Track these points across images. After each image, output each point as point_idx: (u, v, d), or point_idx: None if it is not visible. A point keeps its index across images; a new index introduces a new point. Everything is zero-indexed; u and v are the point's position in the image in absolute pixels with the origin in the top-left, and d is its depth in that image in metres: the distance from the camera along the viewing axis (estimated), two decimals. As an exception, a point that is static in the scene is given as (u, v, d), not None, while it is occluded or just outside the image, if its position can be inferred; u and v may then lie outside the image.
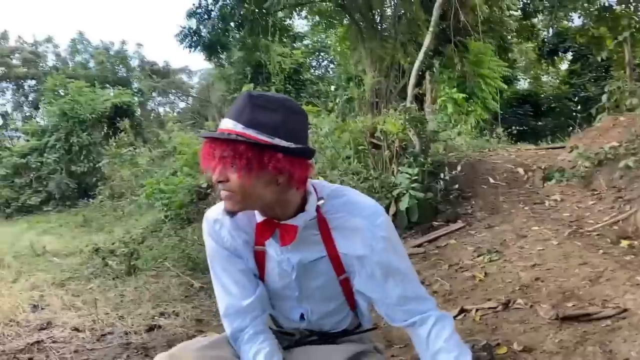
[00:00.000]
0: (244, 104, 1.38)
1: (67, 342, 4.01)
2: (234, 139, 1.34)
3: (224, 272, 1.58)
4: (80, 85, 16.83)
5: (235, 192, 1.39)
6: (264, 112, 1.37)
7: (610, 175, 5.23)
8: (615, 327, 2.88)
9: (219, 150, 1.36)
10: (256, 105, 1.37)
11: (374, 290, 1.56)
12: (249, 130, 1.34)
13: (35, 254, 8.45)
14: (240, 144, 1.34)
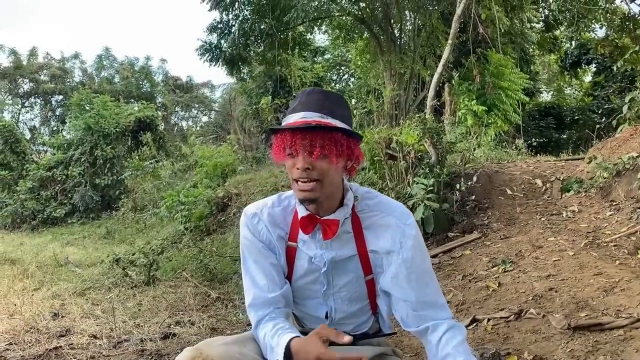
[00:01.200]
0: (322, 98, 1.53)
1: (84, 348, 4.09)
2: (324, 128, 1.48)
3: (255, 264, 1.65)
4: (105, 100, 17.21)
5: (321, 178, 1.50)
6: (338, 106, 1.54)
7: (629, 186, 5.14)
8: (627, 337, 2.84)
9: (312, 139, 1.47)
10: (332, 100, 1.53)
11: (397, 289, 1.62)
12: (337, 121, 1.50)
13: (58, 264, 8.63)
14: (336, 133, 1.48)
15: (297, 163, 1.49)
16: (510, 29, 16.36)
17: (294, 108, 1.52)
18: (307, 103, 1.51)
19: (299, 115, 1.50)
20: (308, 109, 1.50)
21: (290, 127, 1.49)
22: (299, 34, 16.94)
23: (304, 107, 1.51)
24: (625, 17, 11.52)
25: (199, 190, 10.10)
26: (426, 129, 6.32)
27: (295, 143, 1.48)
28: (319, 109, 1.50)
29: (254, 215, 1.69)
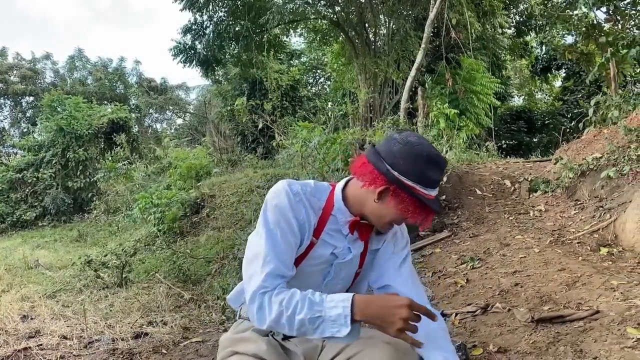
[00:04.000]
0: (441, 174, 1.67)
1: (54, 348, 4.06)
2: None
3: (282, 238, 1.61)
4: (77, 101, 16.95)
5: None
6: None
7: (593, 186, 5.31)
8: (587, 328, 2.95)
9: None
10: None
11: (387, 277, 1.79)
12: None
13: (28, 267, 8.48)
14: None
15: (402, 222, 1.70)
16: (482, 34, 16.66)
17: (437, 180, 1.63)
18: (437, 180, 1.64)
19: (434, 193, 1.64)
20: (434, 186, 1.64)
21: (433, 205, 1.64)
22: (275, 36, 16.98)
23: (435, 184, 1.65)
24: (591, 25, 11.85)
25: (172, 192, 10.03)
26: (398, 130, 6.40)
27: (427, 216, 1.67)
28: (436, 186, 1.67)
29: (297, 193, 1.66)
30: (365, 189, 1.63)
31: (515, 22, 19.70)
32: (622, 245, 4.33)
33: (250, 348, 1.69)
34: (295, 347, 1.74)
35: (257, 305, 1.53)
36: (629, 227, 4.33)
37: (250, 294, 1.55)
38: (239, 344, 1.74)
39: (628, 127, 5.52)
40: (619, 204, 4.70)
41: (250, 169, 12.06)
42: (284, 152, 8.37)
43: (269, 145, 14.75)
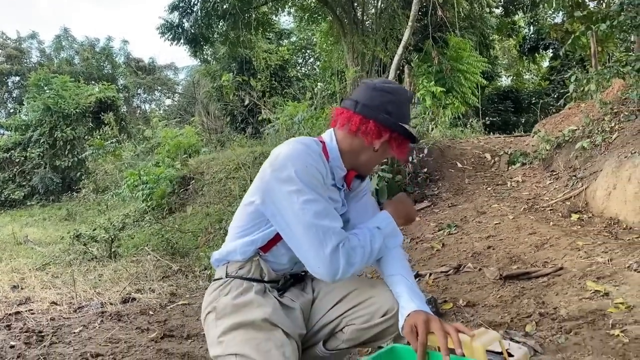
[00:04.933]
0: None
1: (44, 313, 4.18)
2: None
3: (326, 195, 1.63)
4: (64, 80, 16.83)
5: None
6: None
7: (568, 157, 5.48)
8: (550, 283, 3.13)
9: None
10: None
11: (360, 213, 1.86)
12: None
13: (17, 243, 8.56)
14: None
15: (387, 157, 1.80)
16: (469, 13, 16.74)
17: (406, 115, 1.72)
18: (407, 112, 1.73)
19: (409, 126, 1.73)
20: (409, 121, 1.74)
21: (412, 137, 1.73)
22: (263, 14, 16.91)
23: (406, 118, 1.72)
24: (575, 3, 11.95)
25: (161, 169, 10.10)
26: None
27: (406, 149, 1.75)
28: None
29: (318, 152, 1.64)
30: (366, 143, 1.68)
31: (503, 1, 19.77)
32: (592, 212, 4.51)
33: (257, 314, 1.63)
34: (292, 302, 1.75)
35: (345, 259, 1.54)
36: (599, 194, 4.50)
37: (331, 250, 1.53)
38: (242, 310, 1.65)
39: (603, 101, 5.68)
40: (591, 173, 4.87)
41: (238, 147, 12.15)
42: (269, 126, 8.46)
43: (258, 125, 14.80)
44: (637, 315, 2.53)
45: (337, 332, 1.74)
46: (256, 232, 1.71)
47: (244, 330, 1.61)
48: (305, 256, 1.58)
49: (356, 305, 1.71)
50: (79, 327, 3.63)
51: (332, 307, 1.75)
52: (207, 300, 1.74)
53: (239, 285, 1.70)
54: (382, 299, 1.69)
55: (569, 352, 2.34)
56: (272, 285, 1.74)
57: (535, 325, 2.67)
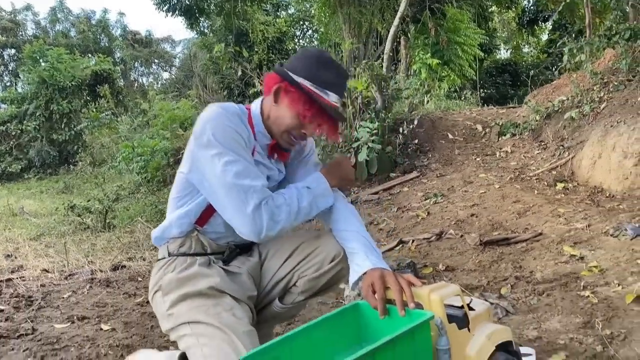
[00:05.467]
0: (345, 81, 1.68)
1: (35, 279, 4.24)
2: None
3: (248, 156, 1.61)
4: (59, 52, 16.69)
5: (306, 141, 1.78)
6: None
7: (556, 127, 5.49)
8: (528, 249, 3.18)
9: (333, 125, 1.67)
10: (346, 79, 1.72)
11: (304, 177, 1.83)
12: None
13: (13, 214, 8.63)
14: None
15: (308, 131, 1.65)
16: (468, -16, 16.48)
17: (332, 83, 1.61)
18: (340, 85, 1.64)
19: (335, 99, 1.63)
20: (337, 92, 1.63)
21: (331, 111, 1.62)
22: (259, -15, 16.68)
23: (339, 89, 1.63)
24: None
25: (155, 141, 10.11)
26: (374, 76, 6.51)
27: (326, 123, 1.64)
28: (341, 93, 1.67)
29: (237, 113, 1.64)
30: (267, 98, 1.66)
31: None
32: (577, 181, 4.54)
33: (202, 284, 1.63)
34: (238, 268, 1.75)
35: (268, 215, 1.54)
36: (585, 163, 4.53)
37: (253, 208, 1.52)
38: (187, 283, 1.64)
39: (594, 71, 5.66)
40: (578, 142, 4.89)
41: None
42: (261, 98, 8.42)
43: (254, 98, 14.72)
44: (608, 278, 2.58)
45: (290, 287, 1.77)
46: (189, 201, 1.69)
47: (191, 300, 1.61)
48: (230, 218, 1.58)
49: (305, 258, 1.73)
50: (68, 293, 3.69)
51: (282, 264, 1.76)
52: (153, 281, 1.74)
53: (182, 262, 1.69)
54: (329, 246, 1.72)
55: (540, 312, 2.40)
56: (217, 257, 1.74)
57: (511, 287, 2.73)
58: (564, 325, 2.20)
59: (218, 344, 1.52)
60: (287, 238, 1.81)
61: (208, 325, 1.56)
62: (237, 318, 1.61)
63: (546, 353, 1.98)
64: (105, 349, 2.48)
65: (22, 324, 2.92)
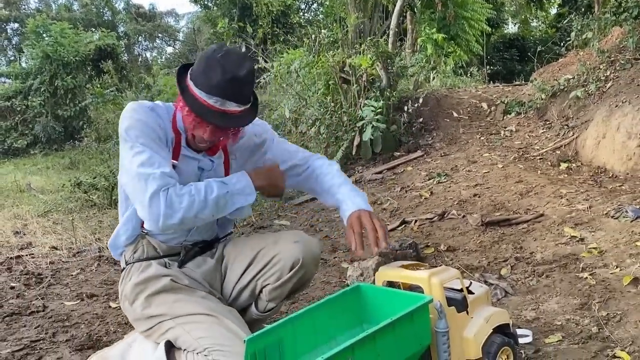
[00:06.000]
0: (241, 85, 1.58)
1: (44, 257, 4.33)
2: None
3: (157, 146, 1.61)
4: (62, 27, 16.57)
5: (215, 145, 1.73)
6: (250, 88, 1.64)
7: (562, 106, 5.48)
8: (530, 229, 3.22)
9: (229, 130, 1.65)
10: (248, 84, 1.61)
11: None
12: (246, 108, 1.64)
13: (20, 190, 8.70)
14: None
15: (199, 134, 1.63)
16: (476, -43, 16.18)
17: (215, 85, 1.54)
18: (225, 86, 1.54)
19: (214, 101, 1.55)
20: (225, 95, 1.55)
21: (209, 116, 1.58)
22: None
23: (222, 91, 1.55)
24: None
25: (160, 117, 10.10)
26: (378, 53, 6.47)
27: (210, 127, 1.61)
28: (240, 99, 1.59)
29: (151, 107, 1.66)
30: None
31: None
32: (581, 161, 4.56)
33: (164, 281, 1.68)
34: (193, 272, 1.78)
35: (165, 202, 1.52)
36: (589, 143, 4.54)
37: (150, 195, 1.51)
38: (148, 285, 1.69)
39: (601, 49, 5.61)
40: (583, 122, 4.89)
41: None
42: (264, 76, 8.40)
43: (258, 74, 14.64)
44: (607, 260, 2.62)
45: (257, 294, 1.79)
46: (130, 205, 1.71)
47: (160, 298, 1.66)
48: (136, 207, 1.58)
49: (264, 267, 1.74)
50: (76, 270, 3.77)
51: (244, 272, 1.78)
52: (120, 292, 1.79)
53: (138, 267, 1.72)
54: (287, 254, 1.72)
55: (539, 293, 2.44)
56: (172, 259, 1.77)
57: (511, 268, 2.77)
58: (562, 307, 2.25)
59: (207, 326, 1.57)
60: (247, 243, 1.85)
61: (190, 315, 1.61)
62: (214, 302, 1.67)
63: (543, 334, 2.03)
64: (114, 326, 2.55)
65: (33, 301, 3.00)
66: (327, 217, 4.41)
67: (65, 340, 2.41)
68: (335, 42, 15.17)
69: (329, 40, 14.86)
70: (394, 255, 2.95)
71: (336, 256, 3.44)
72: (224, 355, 1.50)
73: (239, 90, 1.58)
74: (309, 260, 1.74)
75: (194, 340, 1.56)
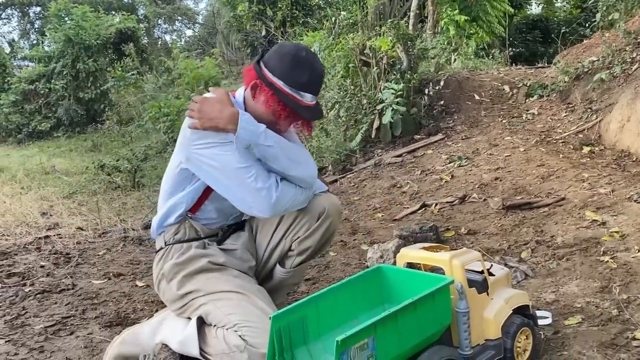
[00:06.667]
0: (320, 80, 1.77)
1: (71, 237, 4.44)
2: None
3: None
4: (84, 11, 16.69)
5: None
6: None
7: (585, 88, 5.40)
8: (551, 213, 3.21)
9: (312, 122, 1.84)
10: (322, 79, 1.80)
11: None
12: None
13: (45, 172, 8.89)
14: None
15: (282, 127, 1.77)
16: None
17: (306, 84, 1.70)
18: (315, 84, 1.74)
19: (309, 98, 1.73)
20: (311, 91, 1.73)
21: (304, 112, 1.74)
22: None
23: (313, 89, 1.73)
24: None
25: (181, 101, 10.19)
26: (399, 35, 6.42)
27: (299, 122, 1.80)
28: (316, 92, 1.76)
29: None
30: (247, 91, 1.77)
31: None
32: (604, 144, 4.51)
33: (202, 262, 1.78)
34: (233, 245, 1.88)
35: (284, 187, 1.70)
36: (612, 127, 4.48)
37: (264, 180, 1.67)
38: (187, 265, 1.78)
39: (627, 30, 5.50)
40: (607, 105, 4.82)
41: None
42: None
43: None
44: (629, 243, 2.61)
45: (287, 251, 1.89)
46: (182, 191, 1.80)
47: (197, 277, 1.76)
48: (241, 197, 1.70)
49: (293, 222, 1.85)
50: (102, 250, 3.87)
51: (274, 231, 1.89)
52: (155, 272, 1.87)
53: (178, 249, 1.82)
54: (313, 205, 1.83)
55: (559, 276, 2.46)
56: (211, 240, 1.86)
57: (531, 252, 2.78)
58: (582, 290, 2.26)
59: (236, 303, 1.66)
60: None
61: (222, 292, 1.70)
62: (246, 281, 1.77)
63: (562, 316, 2.05)
64: (141, 304, 2.63)
65: (62, 280, 3.10)
66: (346, 200, 4.45)
67: (95, 317, 2.50)
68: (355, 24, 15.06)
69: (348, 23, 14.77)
70: (414, 239, 2.97)
71: (356, 238, 3.48)
72: (252, 331, 1.58)
73: (321, 85, 1.79)
74: (333, 210, 1.86)
75: (224, 316, 1.63)
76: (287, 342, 1.50)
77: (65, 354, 2.11)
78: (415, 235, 3.02)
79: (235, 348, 1.57)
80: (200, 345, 1.65)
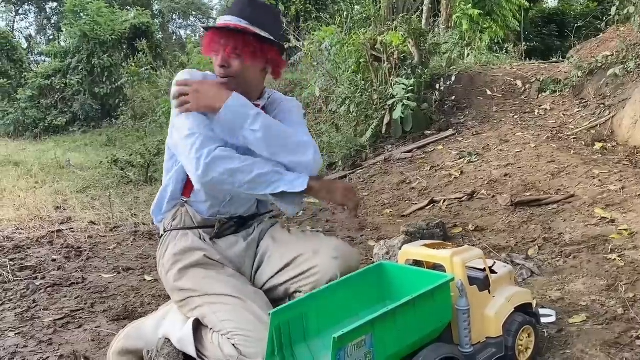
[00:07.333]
0: (247, 6, 1.75)
1: (83, 231, 4.51)
2: (242, 32, 1.72)
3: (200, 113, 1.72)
4: (99, 6, 16.83)
5: (235, 76, 1.76)
6: (263, 14, 1.78)
7: (599, 84, 5.33)
8: (559, 210, 3.19)
9: (228, 41, 1.73)
10: (257, 8, 1.77)
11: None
12: (253, 27, 1.74)
13: (60, 167, 9.00)
14: (249, 36, 1.73)
15: (217, 61, 1.75)
16: None
17: (224, 12, 1.78)
18: (234, 7, 1.76)
19: (225, 19, 1.74)
20: (232, 13, 1.74)
21: (214, 27, 1.76)
22: None
23: (230, 12, 1.76)
24: None
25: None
26: (410, 30, 6.39)
27: (215, 41, 1.75)
28: (240, 14, 1.74)
29: (203, 75, 1.80)
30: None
31: None
32: (617, 141, 4.45)
33: (197, 255, 1.76)
34: (225, 251, 1.83)
35: (218, 156, 1.62)
36: (625, 123, 4.42)
37: (200, 147, 1.62)
38: (182, 257, 1.77)
39: (643, 24, 5.42)
40: (620, 100, 4.76)
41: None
42: (296, 55, 8.41)
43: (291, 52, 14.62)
44: (637, 241, 2.59)
45: (290, 295, 1.81)
46: (170, 172, 1.83)
47: (192, 272, 1.74)
48: (184, 162, 1.70)
49: (301, 274, 1.77)
50: (113, 244, 3.92)
51: (279, 271, 1.82)
52: (157, 259, 1.88)
53: (175, 236, 1.81)
54: (325, 268, 1.74)
55: (565, 274, 2.44)
56: (206, 231, 1.83)
57: (538, 249, 2.77)
58: (588, 288, 2.25)
59: (231, 308, 1.64)
60: (287, 244, 1.86)
61: (218, 295, 1.67)
62: (242, 282, 1.74)
63: (567, 314, 2.04)
64: (148, 298, 2.67)
65: (72, 273, 3.15)
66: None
67: (103, 310, 2.54)
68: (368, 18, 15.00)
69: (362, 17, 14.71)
70: (421, 235, 2.97)
71: (363, 234, 3.48)
72: (246, 340, 1.56)
73: (241, 8, 1.74)
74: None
75: (219, 322, 1.63)
76: (287, 339, 1.51)
77: (73, 346, 2.15)
78: (422, 232, 3.02)
79: (229, 357, 1.57)
80: (197, 347, 1.65)
